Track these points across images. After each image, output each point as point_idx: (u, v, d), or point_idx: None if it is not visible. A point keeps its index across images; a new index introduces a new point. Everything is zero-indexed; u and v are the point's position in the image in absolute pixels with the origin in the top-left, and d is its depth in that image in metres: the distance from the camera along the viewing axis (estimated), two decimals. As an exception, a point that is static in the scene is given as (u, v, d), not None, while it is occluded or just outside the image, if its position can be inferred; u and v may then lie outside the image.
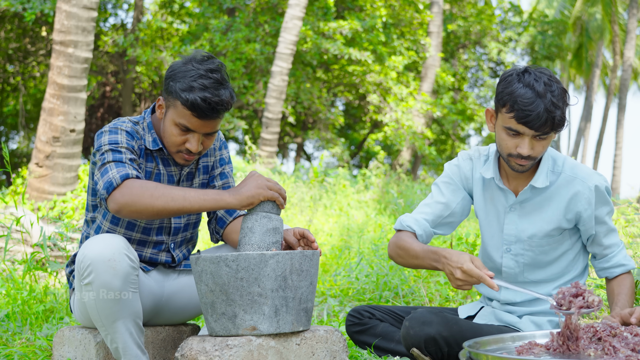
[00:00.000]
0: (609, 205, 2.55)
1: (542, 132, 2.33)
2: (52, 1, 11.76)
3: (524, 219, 2.57)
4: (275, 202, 2.35)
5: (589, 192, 2.49)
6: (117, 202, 2.29)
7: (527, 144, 2.36)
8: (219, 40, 13.97)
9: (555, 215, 2.53)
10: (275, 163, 12.39)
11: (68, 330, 2.60)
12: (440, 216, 2.66)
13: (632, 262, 2.58)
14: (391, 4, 16.16)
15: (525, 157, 2.38)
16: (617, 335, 1.99)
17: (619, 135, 21.06)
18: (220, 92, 2.41)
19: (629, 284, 2.55)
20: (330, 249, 6.35)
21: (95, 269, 2.24)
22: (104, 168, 2.37)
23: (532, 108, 2.28)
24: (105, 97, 18.77)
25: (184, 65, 2.45)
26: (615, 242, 2.58)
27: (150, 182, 2.33)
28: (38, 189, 8.12)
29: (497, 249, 2.64)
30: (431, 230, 2.65)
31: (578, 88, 34.25)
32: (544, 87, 2.31)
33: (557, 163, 2.54)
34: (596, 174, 2.53)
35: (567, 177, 2.52)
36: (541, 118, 2.29)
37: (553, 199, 2.53)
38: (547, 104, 2.29)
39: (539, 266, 2.60)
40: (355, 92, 17.70)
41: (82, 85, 8.11)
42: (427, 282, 4.47)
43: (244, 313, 2.20)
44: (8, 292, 3.89)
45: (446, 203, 2.66)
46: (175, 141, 2.47)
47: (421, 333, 2.40)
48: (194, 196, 2.30)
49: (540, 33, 21.24)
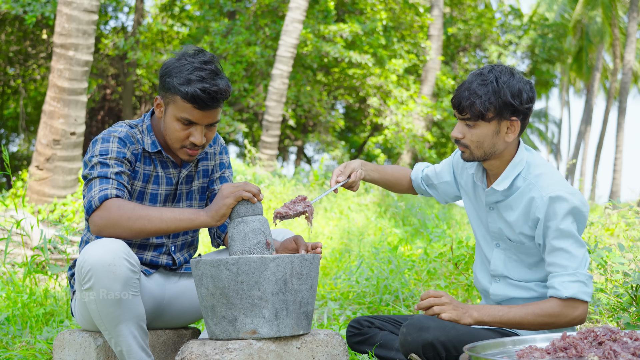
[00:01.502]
0: (559, 220, 2.41)
1: (463, 117, 2.48)
2: (52, 4, 11.78)
3: (501, 219, 2.59)
4: (249, 202, 2.35)
5: (541, 201, 2.44)
6: (96, 225, 2.37)
7: (457, 127, 2.53)
8: (219, 43, 13.98)
9: (519, 220, 2.52)
10: (275, 166, 12.39)
11: (68, 333, 2.60)
12: (431, 179, 2.92)
13: (567, 290, 2.37)
14: (391, 7, 16.17)
15: (459, 143, 2.54)
16: (617, 340, 1.99)
17: (619, 138, 21.06)
18: (218, 82, 2.44)
19: (539, 309, 2.40)
20: (331, 252, 6.35)
21: (95, 273, 2.25)
22: (89, 184, 2.43)
23: (456, 92, 2.50)
24: (105, 100, 18.78)
25: (178, 60, 2.48)
26: (560, 264, 2.41)
27: (129, 204, 2.37)
28: (38, 192, 8.12)
29: (488, 244, 2.69)
30: (420, 181, 2.94)
31: (578, 91, 34.28)
32: (479, 77, 2.46)
33: (530, 170, 2.53)
34: (558, 185, 2.44)
35: (529, 184, 2.50)
36: (459, 102, 2.47)
37: (516, 204, 2.53)
38: (470, 91, 2.44)
39: (527, 265, 2.59)
40: (356, 95, 17.71)
41: (82, 88, 8.11)
42: (428, 286, 4.47)
43: (245, 316, 2.20)
44: (8, 295, 3.89)
45: (438, 173, 2.89)
46: (179, 136, 2.49)
47: (419, 339, 2.40)
48: (170, 217, 2.34)
49: (540, 36, 21.26)
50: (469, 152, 2.53)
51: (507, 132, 2.47)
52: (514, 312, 2.43)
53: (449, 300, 2.43)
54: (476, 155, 2.52)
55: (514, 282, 2.62)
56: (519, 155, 2.54)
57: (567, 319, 2.40)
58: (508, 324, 2.44)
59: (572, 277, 2.39)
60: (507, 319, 2.43)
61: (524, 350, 2.05)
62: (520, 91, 2.43)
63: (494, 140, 2.48)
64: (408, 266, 4.82)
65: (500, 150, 2.51)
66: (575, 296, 2.38)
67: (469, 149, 2.52)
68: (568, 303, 2.40)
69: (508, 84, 2.43)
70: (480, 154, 2.51)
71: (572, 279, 2.39)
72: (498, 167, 2.56)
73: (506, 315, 2.43)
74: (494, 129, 2.46)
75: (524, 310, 2.42)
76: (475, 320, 2.43)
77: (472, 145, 2.50)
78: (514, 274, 2.61)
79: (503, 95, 2.41)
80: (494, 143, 2.48)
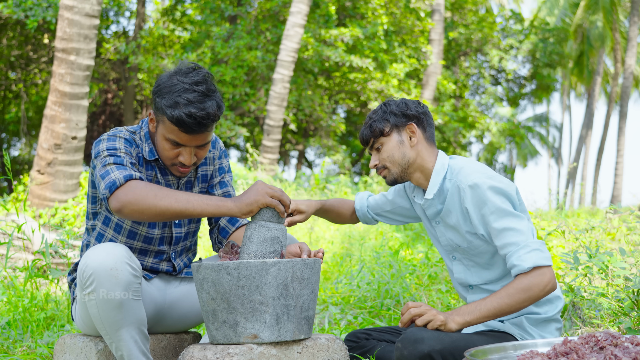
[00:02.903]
0: (489, 203, 2.50)
1: (371, 144, 2.72)
2: (54, 9, 11.80)
3: (447, 229, 2.70)
4: (276, 210, 2.35)
5: (464, 192, 2.55)
6: (119, 200, 2.28)
7: (371, 159, 2.76)
8: (220, 47, 14.00)
9: (459, 220, 2.62)
10: (276, 170, 12.40)
11: (69, 337, 2.60)
12: (382, 208, 2.99)
13: (527, 262, 2.42)
14: (392, 11, 16.19)
15: (378, 169, 2.72)
16: (619, 345, 1.99)
17: (620, 142, 21.06)
18: (206, 105, 2.38)
19: (511, 288, 2.44)
20: (332, 257, 6.35)
21: (97, 278, 2.24)
22: (105, 170, 2.36)
23: (359, 134, 2.74)
24: (107, 105, 18.81)
25: (169, 79, 2.43)
26: (510, 242, 2.47)
27: (154, 185, 2.33)
28: (39, 196, 8.13)
29: (447, 257, 2.80)
30: (367, 210, 3.02)
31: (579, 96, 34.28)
32: (372, 113, 2.74)
33: (452, 170, 2.64)
34: (477, 173, 2.55)
35: (453, 183, 2.62)
36: (362, 136, 2.72)
37: (451, 206, 2.63)
38: (366, 124, 2.72)
39: (483, 267, 2.67)
40: (357, 99, 17.73)
41: (83, 92, 8.12)
42: (429, 290, 4.47)
43: (245, 321, 2.19)
44: (9, 300, 3.89)
45: (391, 201, 2.96)
46: (168, 155, 2.49)
47: (415, 352, 2.39)
48: (197, 200, 2.29)
49: (541, 40, 21.29)
50: (388, 172, 2.69)
51: (411, 139, 2.66)
52: (490, 301, 2.45)
53: (428, 308, 2.47)
54: (394, 171, 2.68)
55: (480, 287, 2.69)
56: (439, 162, 2.67)
57: (539, 288, 2.43)
58: (489, 315, 2.46)
59: (526, 249, 2.45)
60: (487, 309, 2.45)
61: (525, 355, 2.05)
62: (404, 102, 2.69)
63: (402, 150, 2.65)
64: (409, 271, 4.82)
65: (413, 159, 2.66)
66: (537, 264, 2.42)
67: (387, 168, 2.68)
68: (534, 273, 2.44)
69: (394, 103, 2.70)
70: (398, 169, 2.67)
71: (526, 250, 2.44)
72: (425, 179, 2.70)
73: (484, 307, 2.45)
74: (397, 140, 2.65)
75: (497, 296, 2.45)
76: (460, 324, 2.46)
77: (387, 163, 2.67)
78: (476, 279, 2.70)
79: (390, 110, 2.67)
80: (403, 153, 2.65)
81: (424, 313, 2.46)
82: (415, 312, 2.47)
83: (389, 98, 2.82)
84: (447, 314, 2.47)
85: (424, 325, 2.45)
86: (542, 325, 2.62)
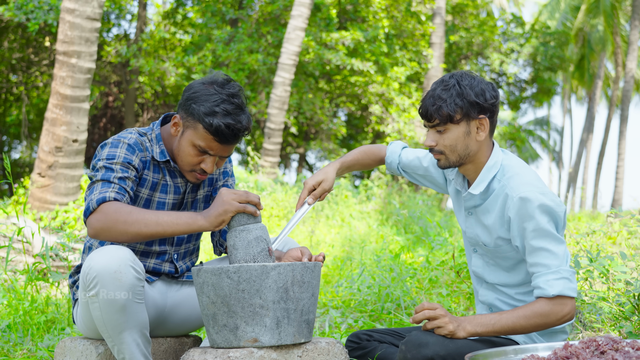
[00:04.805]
0: (534, 220, 2.42)
1: (433, 124, 2.51)
2: (55, 12, 11.81)
3: (478, 225, 2.62)
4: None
5: (512, 201, 2.46)
6: (92, 227, 2.35)
7: (429, 135, 2.55)
8: (221, 50, 14.01)
9: (496, 224, 2.54)
10: (277, 173, 12.40)
11: (70, 341, 2.60)
12: (413, 170, 2.92)
13: (553, 288, 2.38)
14: (393, 15, 16.21)
15: (434, 151, 2.55)
16: (619, 349, 1.99)
17: (621, 146, 21.06)
18: (242, 118, 2.44)
19: (529, 310, 2.41)
20: (332, 260, 6.35)
21: (101, 280, 2.25)
22: (91, 187, 2.42)
23: (422, 102, 2.54)
24: (108, 107, 18.82)
25: (206, 88, 2.47)
26: (542, 263, 2.42)
27: (126, 207, 2.34)
28: (40, 199, 8.13)
29: (468, 247, 2.74)
30: (397, 166, 2.94)
31: (580, 99, 34.29)
32: (441, 84, 2.51)
33: (505, 172, 2.55)
34: (530, 185, 2.46)
35: (503, 185, 2.53)
36: (426, 110, 2.51)
37: (492, 207, 2.55)
38: (434, 97, 2.49)
39: (504, 269, 2.62)
40: (358, 102, 17.74)
41: (85, 95, 8.13)
42: (429, 294, 4.47)
43: (246, 325, 2.19)
44: (9, 303, 3.89)
45: (426, 168, 2.88)
46: (191, 161, 2.51)
47: (418, 356, 2.38)
48: (167, 220, 2.32)
49: (542, 44, 21.29)
50: (444, 158, 2.55)
51: (478, 132, 2.50)
52: (506, 319, 2.43)
53: (443, 313, 2.44)
54: (451, 160, 2.54)
55: (495, 286, 2.65)
56: (493, 158, 2.56)
57: (557, 317, 2.40)
58: (501, 331, 2.44)
59: (556, 275, 2.40)
60: (500, 326, 2.43)
61: (525, 359, 2.05)
62: (482, 90, 2.48)
63: (466, 141, 2.50)
64: (410, 274, 4.81)
65: (474, 152, 2.53)
66: (562, 293, 2.38)
67: (444, 154, 2.54)
68: (556, 301, 2.40)
69: (470, 85, 2.48)
70: (456, 158, 2.54)
71: (556, 277, 2.40)
72: (474, 172, 2.58)
73: (498, 323, 2.43)
74: (464, 130, 2.49)
75: (514, 314, 2.42)
76: (469, 333, 2.43)
77: (447, 151, 2.52)
78: (492, 278, 2.64)
79: (467, 95, 2.46)
80: (466, 144, 2.51)
81: (437, 317, 2.43)
82: (429, 315, 2.44)
83: (460, 73, 2.54)
84: (459, 321, 2.44)
85: (431, 329, 2.44)
86: (550, 336, 2.59)
